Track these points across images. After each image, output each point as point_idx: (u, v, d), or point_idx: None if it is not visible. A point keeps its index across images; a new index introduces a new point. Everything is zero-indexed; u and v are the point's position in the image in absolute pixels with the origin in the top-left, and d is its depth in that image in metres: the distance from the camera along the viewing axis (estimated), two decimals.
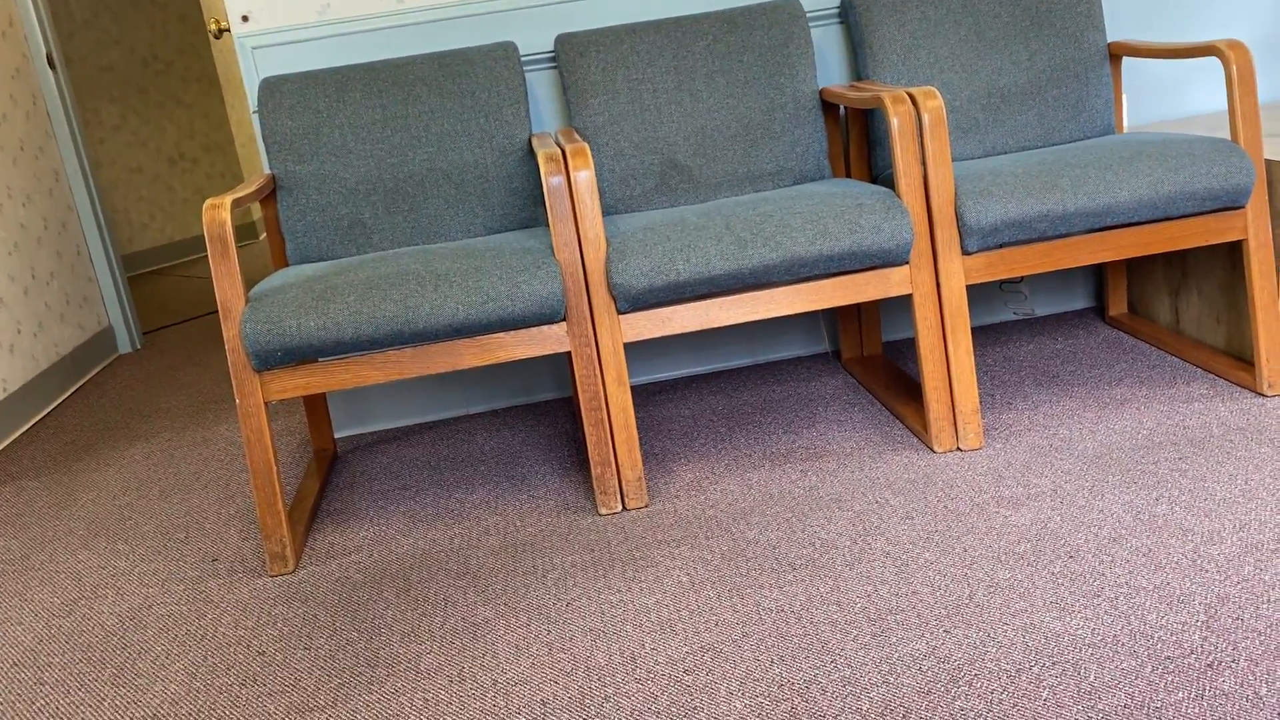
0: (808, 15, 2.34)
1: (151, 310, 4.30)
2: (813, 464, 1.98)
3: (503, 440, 2.33)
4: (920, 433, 2.01)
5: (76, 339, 3.37)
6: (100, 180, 4.43)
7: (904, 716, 1.25)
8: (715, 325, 1.88)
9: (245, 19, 2.23)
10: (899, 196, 1.88)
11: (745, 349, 2.57)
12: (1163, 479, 1.73)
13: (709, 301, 1.87)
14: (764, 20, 2.23)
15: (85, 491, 2.39)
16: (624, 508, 1.91)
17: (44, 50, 3.44)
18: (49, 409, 3.09)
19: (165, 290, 4.68)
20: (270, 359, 1.77)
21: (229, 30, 2.72)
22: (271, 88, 2.17)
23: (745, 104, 2.21)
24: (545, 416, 2.44)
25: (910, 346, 2.53)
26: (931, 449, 1.95)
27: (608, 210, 2.21)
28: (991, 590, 1.48)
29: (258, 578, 1.85)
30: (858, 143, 2.29)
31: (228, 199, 1.80)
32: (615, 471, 1.90)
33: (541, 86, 2.36)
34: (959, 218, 1.87)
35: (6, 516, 2.30)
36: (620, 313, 1.86)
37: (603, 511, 1.90)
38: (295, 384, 1.82)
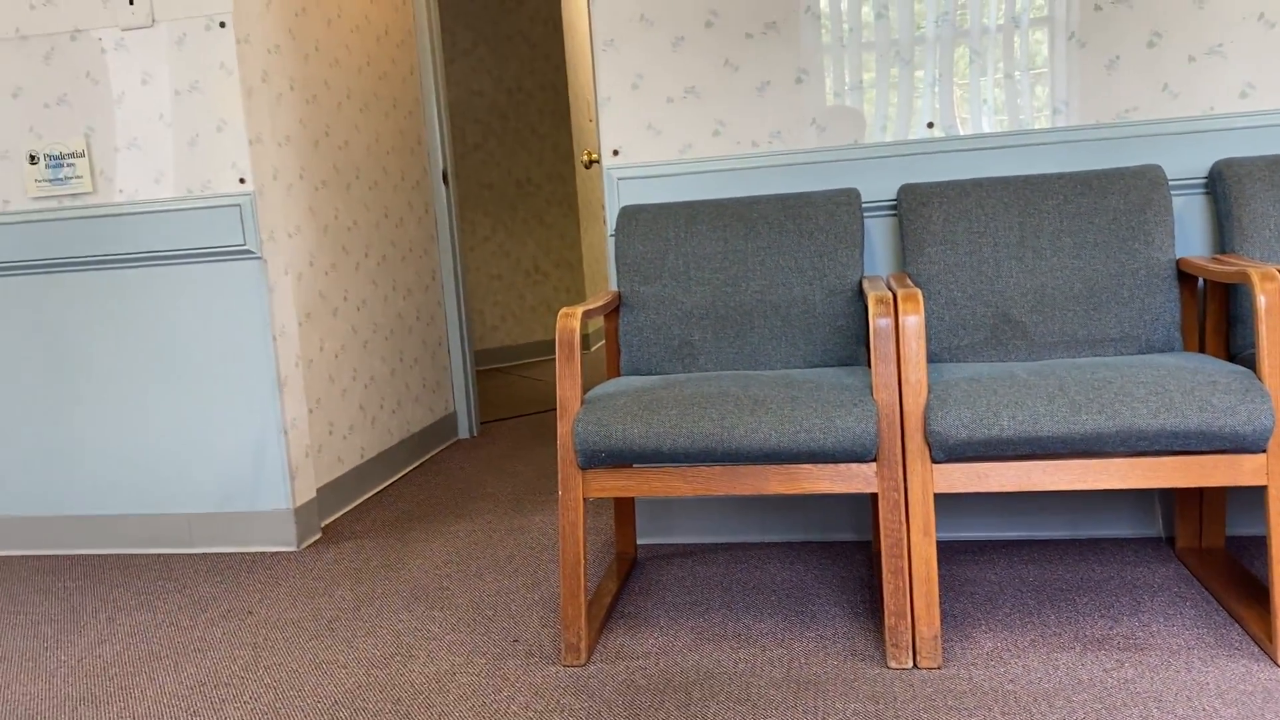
0: (1170, 183, 2.24)
1: (490, 403, 4.70)
2: (1130, 655, 1.81)
3: (795, 574, 2.32)
4: (1263, 641, 1.79)
5: (425, 420, 3.76)
6: (466, 283, 4.98)
7: None
8: (1036, 489, 1.80)
9: (615, 153, 2.47)
10: (1260, 379, 1.73)
11: (1066, 520, 2.42)
12: None
13: (1032, 463, 1.80)
14: (1121, 185, 2.17)
15: (414, 558, 2.63)
16: (915, 665, 1.83)
17: (440, 166, 3.95)
18: (394, 479, 3.45)
19: (504, 386, 5.11)
20: (595, 458, 1.90)
21: (599, 162, 3.01)
22: (629, 215, 2.37)
23: (1092, 266, 2.14)
24: (840, 557, 2.41)
25: (1259, 544, 2.28)
26: (1275, 661, 1.73)
27: (933, 358, 2.20)
28: None
29: (551, 665, 1.94)
30: (1215, 318, 2.14)
31: (579, 310, 1.98)
32: (910, 625, 1.84)
33: (878, 232, 2.41)
34: None
35: (347, 570, 2.58)
36: (934, 461, 1.82)
37: (892, 665, 1.84)
38: (612, 485, 1.93)
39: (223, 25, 2.60)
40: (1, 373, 2.84)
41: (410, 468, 3.58)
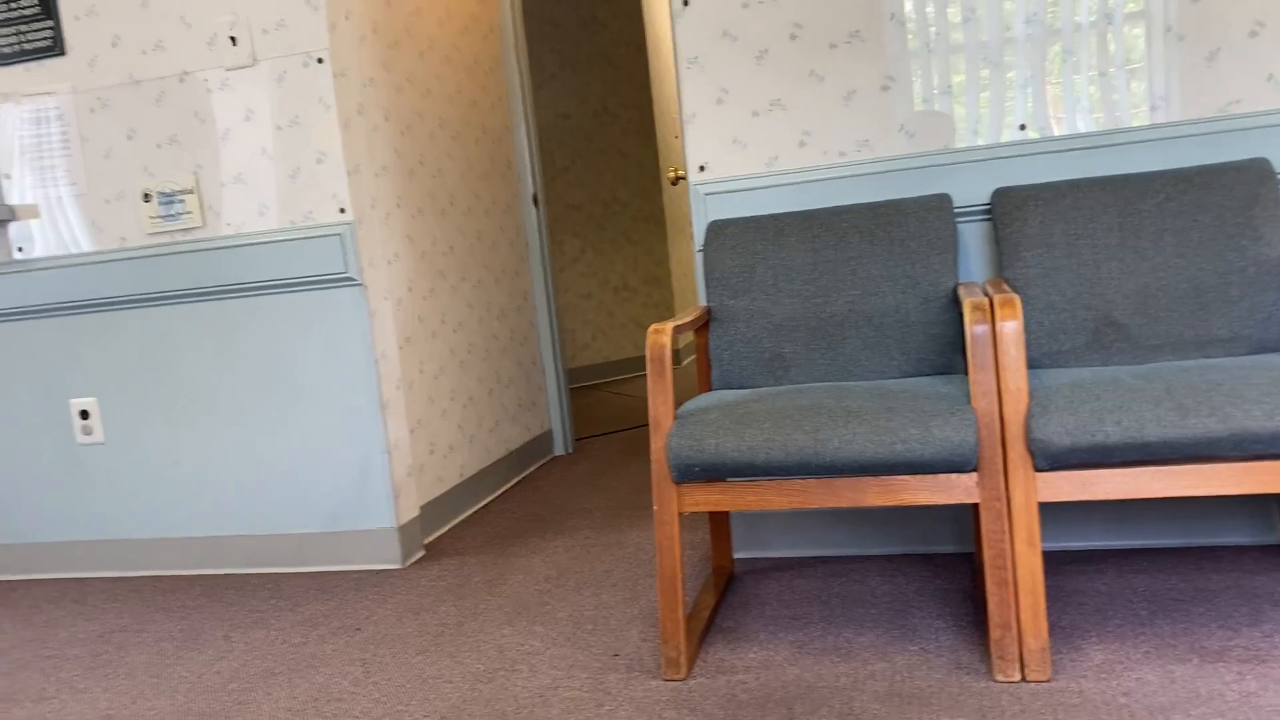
0: (1278, 176, 2.16)
1: (584, 420, 4.75)
2: (1252, 667, 1.74)
3: (896, 586, 2.29)
4: None
5: (522, 438, 3.82)
6: (558, 302, 5.05)
7: None
8: (1144, 496, 1.74)
9: (702, 169, 2.49)
10: None
11: (1178, 527, 2.34)
12: None
13: (1140, 469, 1.74)
14: (1225, 180, 2.10)
15: (514, 573, 2.67)
16: (1023, 678, 1.79)
17: (530, 190, 4.02)
18: (493, 496, 3.51)
19: (597, 403, 5.16)
20: (688, 473, 1.91)
21: (685, 178, 3.03)
22: (717, 229, 2.38)
23: (1197, 265, 2.07)
24: (942, 569, 2.37)
25: None
26: None
27: (1033, 364, 2.15)
28: None
29: (652, 679, 1.95)
30: None
31: (669, 326, 1.99)
32: (1017, 638, 1.80)
33: (972, 237, 2.37)
34: None
35: (450, 586, 2.63)
36: (1037, 470, 1.78)
37: (999, 678, 1.80)
38: (707, 499, 1.93)
39: (320, 61, 2.70)
40: (122, 402, 2.98)
41: (508, 485, 3.64)
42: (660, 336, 1.95)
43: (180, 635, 2.49)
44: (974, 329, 1.81)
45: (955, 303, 2.20)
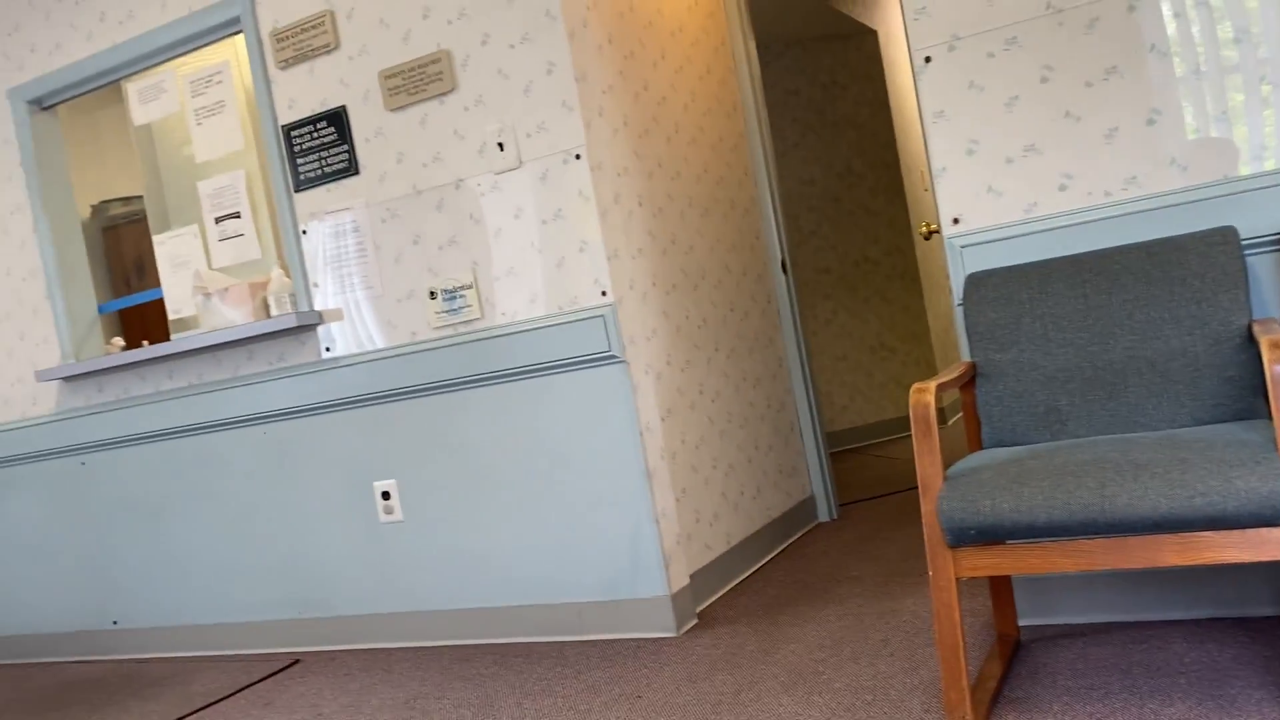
0: None
1: (847, 485, 4.68)
2: None
3: (1207, 654, 2.10)
4: None
5: (784, 505, 3.81)
6: (812, 367, 5.04)
7: None
8: None
9: (956, 221, 2.44)
10: None
11: None
12: None
13: None
14: None
15: (787, 642, 2.66)
16: None
17: (779, 258, 4.07)
18: (760, 563, 3.51)
19: (859, 467, 5.07)
20: (963, 536, 1.85)
21: (938, 232, 2.98)
22: (977, 282, 2.32)
23: None
24: (1260, 634, 2.15)
25: None
26: None
27: None
28: None
29: None
30: None
31: (932, 384, 1.96)
32: None
33: (1265, 271, 2.18)
34: None
35: (724, 655, 2.66)
36: None
37: None
38: (985, 563, 1.86)
39: (578, 157, 2.88)
40: (417, 482, 3.25)
41: (774, 552, 3.64)
42: (924, 395, 1.92)
43: (477, 702, 2.65)
44: (1274, 369, 1.66)
45: (1250, 342, 2.03)
